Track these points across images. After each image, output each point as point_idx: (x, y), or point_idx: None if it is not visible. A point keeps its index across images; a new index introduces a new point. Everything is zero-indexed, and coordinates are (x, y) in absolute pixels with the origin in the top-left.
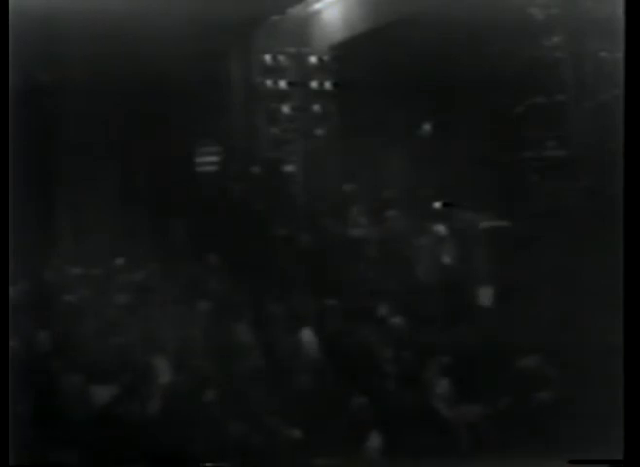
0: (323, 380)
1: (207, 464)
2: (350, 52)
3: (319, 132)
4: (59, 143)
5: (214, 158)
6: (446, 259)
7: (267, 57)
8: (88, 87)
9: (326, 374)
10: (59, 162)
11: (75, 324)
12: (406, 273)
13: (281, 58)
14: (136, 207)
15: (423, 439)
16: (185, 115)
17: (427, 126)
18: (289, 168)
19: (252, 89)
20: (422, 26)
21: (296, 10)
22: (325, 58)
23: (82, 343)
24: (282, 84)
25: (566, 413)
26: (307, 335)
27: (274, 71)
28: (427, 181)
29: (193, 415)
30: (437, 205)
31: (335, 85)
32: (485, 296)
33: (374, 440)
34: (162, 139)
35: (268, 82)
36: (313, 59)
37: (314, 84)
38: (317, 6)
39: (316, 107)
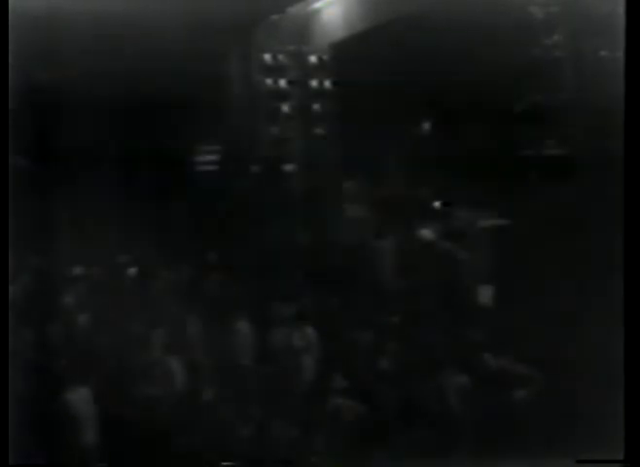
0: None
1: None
2: (350, 51)
3: (319, 131)
4: (59, 143)
5: (214, 157)
6: (445, 258)
7: (267, 56)
8: (88, 87)
9: (326, 373)
10: (59, 162)
11: (74, 323)
12: (406, 272)
13: (281, 57)
14: (136, 207)
15: (423, 438)
16: (185, 114)
17: (427, 126)
18: (289, 167)
19: (252, 88)
20: (422, 26)
21: (296, 9)
22: (325, 57)
23: (81, 342)
24: (282, 83)
25: (566, 412)
26: (308, 334)
27: (274, 70)
28: (427, 180)
29: (194, 415)
30: (436, 204)
31: (334, 84)
32: (485, 295)
33: (375, 438)
34: (162, 138)
35: (268, 81)
36: (313, 58)
37: (314, 83)
38: (317, 5)
39: (316, 106)
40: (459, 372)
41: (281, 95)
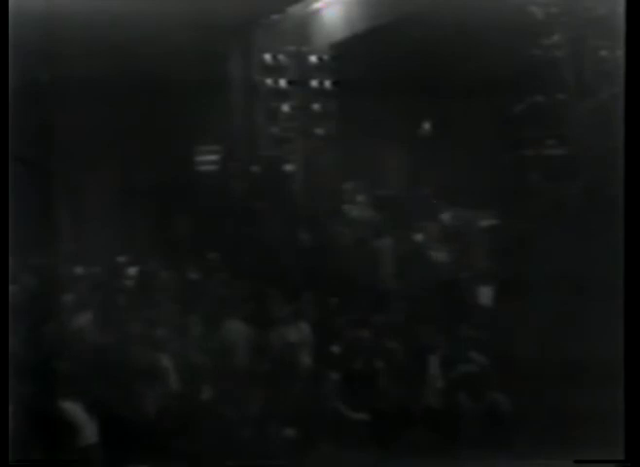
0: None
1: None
2: (350, 50)
3: (319, 131)
4: (59, 143)
5: (214, 157)
6: (445, 258)
7: (267, 56)
8: (89, 87)
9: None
10: (59, 162)
11: (75, 322)
12: (405, 272)
13: (281, 57)
14: (136, 206)
15: (424, 437)
16: (185, 114)
17: (427, 126)
18: (289, 167)
19: (252, 88)
20: (422, 26)
21: (296, 9)
22: (325, 57)
23: (82, 341)
24: (282, 83)
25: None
26: (307, 333)
27: (274, 70)
28: (427, 180)
29: (194, 415)
30: (436, 205)
31: (335, 84)
32: (485, 295)
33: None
34: (163, 138)
35: (269, 81)
36: (313, 58)
37: (314, 83)
38: (317, 5)
39: (316, 106)
40: (456, 370)
41: (281, 95)
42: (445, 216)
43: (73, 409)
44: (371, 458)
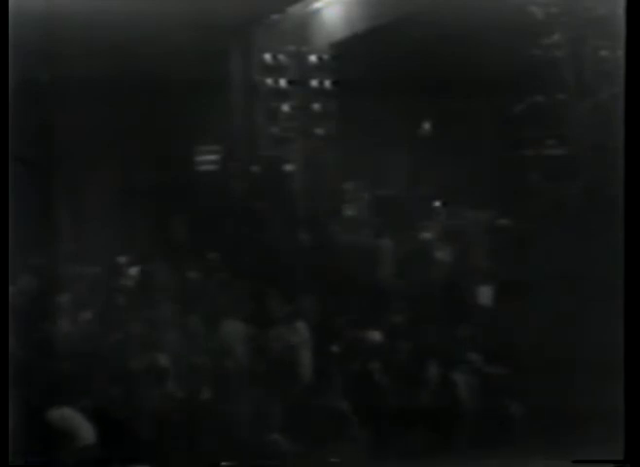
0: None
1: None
2: (350, 50)
3: (319, 131)
4: (59, 143)
5: (214, 157)
6: (445, 258)
7: (267, 56)
8: (89, 87)
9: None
10: (60, 162)
11: (74, 322)
12: (405, 272)
13: (281, 57)
14: (136, 206)
15: (424, 437)
16: (185, 114)
17: (427, 126)
18: (289, 167)
19: (252, 87)
20: (422, 25)
21: (296, 9)
22: (325, 57)
23: (81, 341)
24: (282, 83)
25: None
26: (307, 333)
27: (274, 70)
28: (427, 180)
29: (193, 415)
30: (437, 204)
31: (335, 84)
32: (485, 295)
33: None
34: (163, 138)
35: (269, 81)
36: (313, 58)
37: (314, 82)
38: (317, 5)
39: (316, 106)
40: (455, 370)
41: (281, 95)
42: (445, 216)
43: (72, 409)
44: (371, 458)
